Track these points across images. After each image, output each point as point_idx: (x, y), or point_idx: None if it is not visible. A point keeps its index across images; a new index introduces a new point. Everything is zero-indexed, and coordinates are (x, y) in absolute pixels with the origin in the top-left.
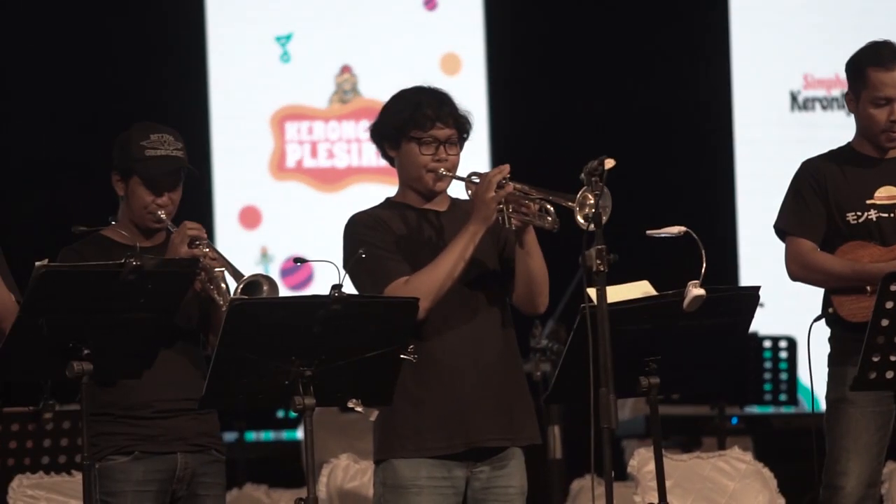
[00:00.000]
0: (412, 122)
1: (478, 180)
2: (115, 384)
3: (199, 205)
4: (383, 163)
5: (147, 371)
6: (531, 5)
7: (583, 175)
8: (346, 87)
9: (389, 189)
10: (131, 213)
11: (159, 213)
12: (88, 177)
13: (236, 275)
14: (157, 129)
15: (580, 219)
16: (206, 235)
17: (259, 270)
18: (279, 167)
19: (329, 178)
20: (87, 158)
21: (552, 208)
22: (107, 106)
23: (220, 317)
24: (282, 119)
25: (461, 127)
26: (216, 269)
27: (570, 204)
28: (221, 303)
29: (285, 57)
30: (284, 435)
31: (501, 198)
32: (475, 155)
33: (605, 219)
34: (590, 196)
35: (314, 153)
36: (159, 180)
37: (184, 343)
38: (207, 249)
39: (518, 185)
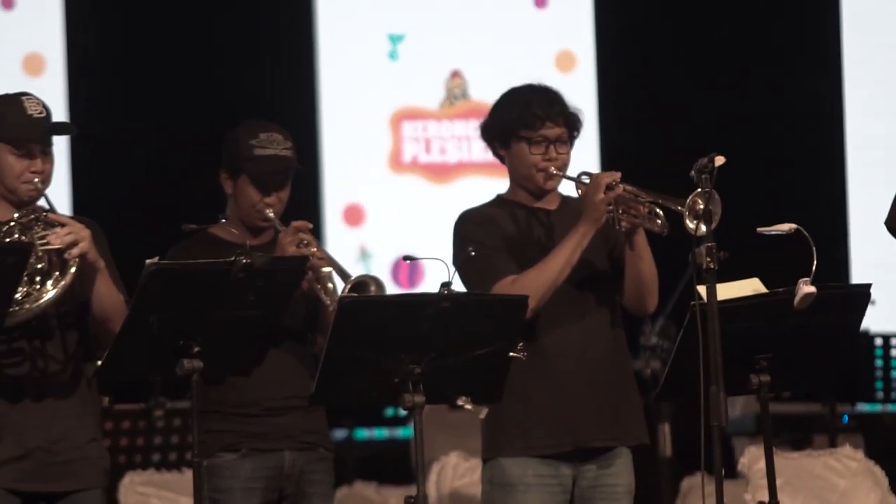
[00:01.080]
0: (521, 121)
1: (588, 180)
2: (224, 382)
3: (306, 202)
4: (492, 157)
5: (256, 369)
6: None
7: (693, 173)
8: (455, 93)
9: (499, 183)
10: (239, 212)
11: (267, 211)
12: (199, 174)
13: (344, 275)
14: (266, 128)
15: (689, 223)
16: (313, 236)
17: (360, 268)
18: (395, 163)
19: (440, 173)
20: (198, 156)
21: (661, 211)
22: (217, 103)
23: (327, 317)
24: (399, 118)
25: (571, 125)
26: (324, 270)
27: (679, 208)
28: (329, 303)
29: (393, 55)
30: (394, 433)
31: (611, 200)
32: (585, 153)
33: (714, 223)
34: (699, 201)
35: (428, 149)
36: (268, 179)
37: (291, 342)
38: (315, 249)
39: (628, 188)
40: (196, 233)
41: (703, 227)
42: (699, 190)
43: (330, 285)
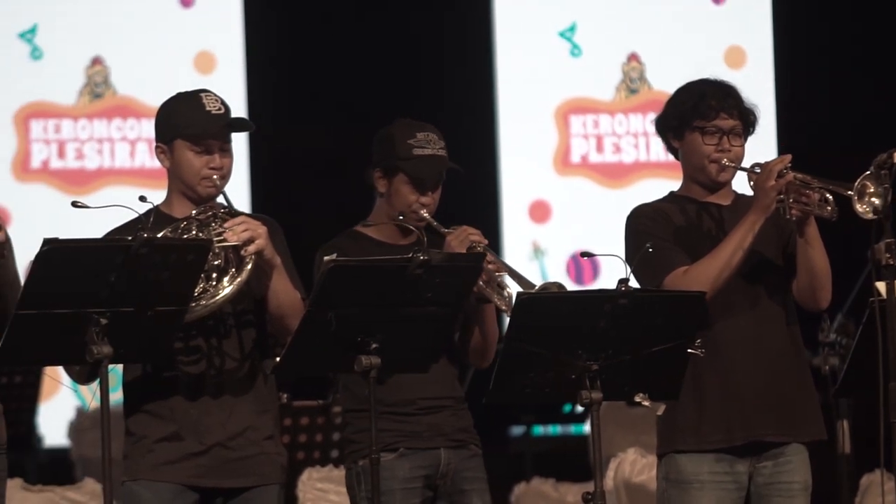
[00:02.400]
0: (696, 111)
1: (759, 171)
2: (383, 381)
3: (483, 200)
4: (671, 157)
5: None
6: None
7: (871, 168)
8: (633, 76)
9: (677, 185)
10: (392, 211)
11: (422, 212)
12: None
13: (519, 279)
14: (422, 128)
15: (858, 207)
16: (486, 241)
17: (534, 265)
18: (563, 162)
19: (614, 174)
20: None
21: (831, 197)
22: (393, 100)
23: (492, 321)
24: (566, 112)
25: (746, 119)
26: (496, 274)
27: (848, 192)
28: (504, 308)
29: (576, 51)
30: (571, 429)
31: (781, 186)
32: (762, 150)
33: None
34: (868, 184)
35: (600, 148)
36: (426, 180)
37: None
38: (486, 254)
39: (798, 175)
40: (344, 231)
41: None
42: (867, 173)
43: (506, 292)
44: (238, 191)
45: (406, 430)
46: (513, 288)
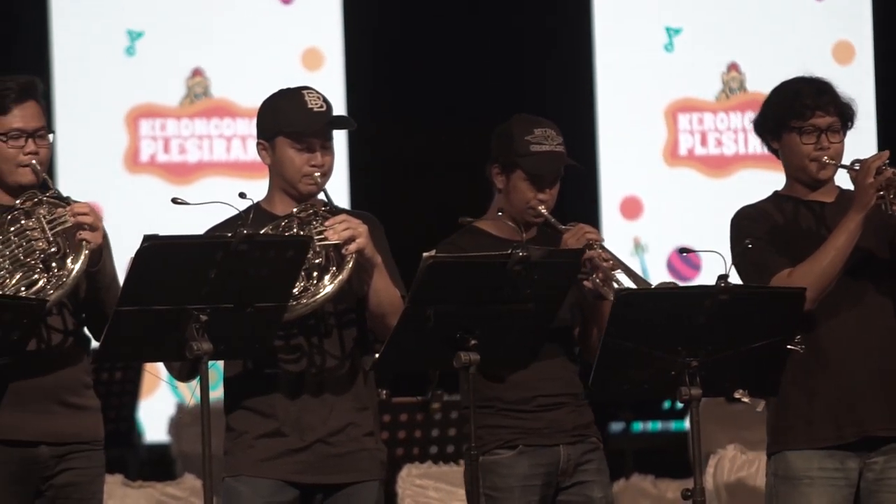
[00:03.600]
0: (791, 111)
1: (858, 167)
2: (502, 378)
3: (582, 195)
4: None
5: (533, 364)
6: None
7: None
8: (732, 85)
9: (776, 176)
10: (510, 207)
11: (540, 208)
12: (475, 169)
13: (634, 277)
14: (539, 124)
15: None
16: (602, 238)
17: (635, 261)
18: (672, 155)
19: (715, 165)
20: (474, 151)
21: None
22: (492, 99)
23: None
24: (675, 110)
25: (844, 114)
26: (612, 271)
27: None
28: None
29: (669, 47)
30: (671, 425)
31: (881, 183)
32: (864, 145)
33: None
34: None
35: (703, 142)
36: (544, 176)
37: (562, 336)
38: (601, 251)
39: None
40: (463, 227)
41: None
42: None
43: (616, 287)
44: (338, 188)
45: (525, 427)
46: (628, 285)
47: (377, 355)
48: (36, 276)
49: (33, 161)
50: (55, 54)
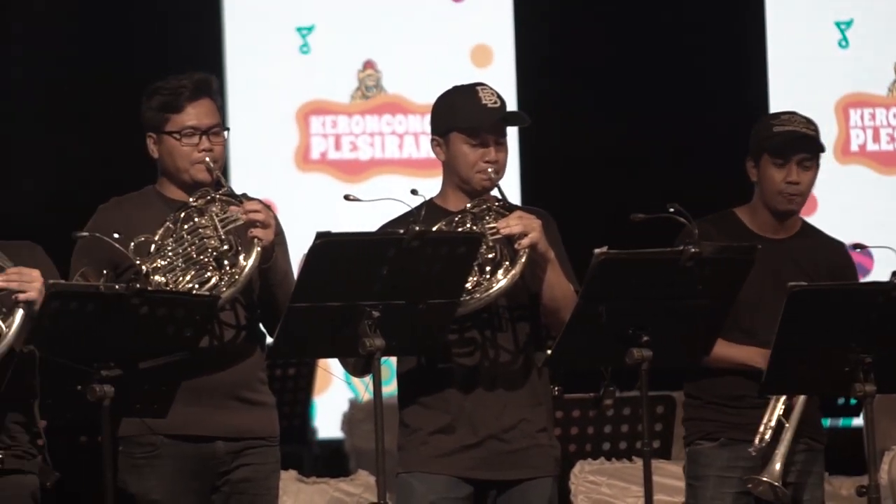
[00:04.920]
0: None
1: None
2: (720, 374)
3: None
4: None
5: None
6: None
7: None
8: None
9: None
10: (763, 196)
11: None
12: (651, 164)
13: None
14: (788, 113)
15: None
16: None
17: None
18: (843, 152)
19: (887, 162)
20: (649, 147)
21: None
22: (665, 93)
23: None
24: (846, 106)
25: None
26: None
27: None
28: None
29: (843, 43)
30: (843, 422)
31: None
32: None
33: None
34: None
35: (876, 138)
36: (789, 157)
37: None
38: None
39: None
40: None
41: None
42: None
43: None
44: (510, 185)
45: (730, 421)
46: None
47: (549, 351)
48: (209, 273)
49: (207, 158)
50: (228, 50)
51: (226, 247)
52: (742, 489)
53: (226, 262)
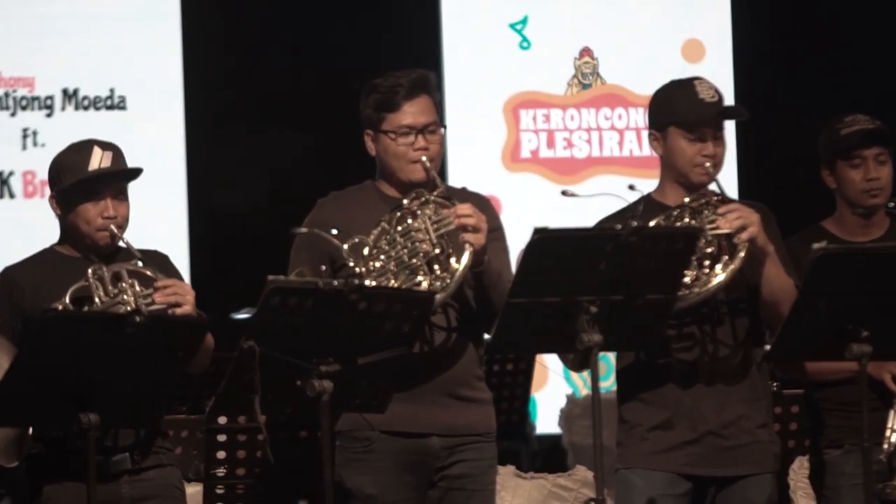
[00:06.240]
0: None
1: None
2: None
3: None
4: None
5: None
6: None
7: None
8: None
9: None
10: (848, 199)
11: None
12: None
13: None
14: (852, 114)
15: None
16: None
17: None
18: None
19: None
20: None
21: None
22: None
23: None
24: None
25: None
26: None
27: None
28: None
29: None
30: None
31: None
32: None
33: None
34: None
35: None
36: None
37: None
38: None
39: None
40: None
41: None
42: None
43: None
44: (728, 178)
45: (853, 426)
46: None
47: (768, 346)
48: (419, 277)
49: (423, 158)
50: (445, 45)
51: (437, 251)
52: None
53: (436, 267)
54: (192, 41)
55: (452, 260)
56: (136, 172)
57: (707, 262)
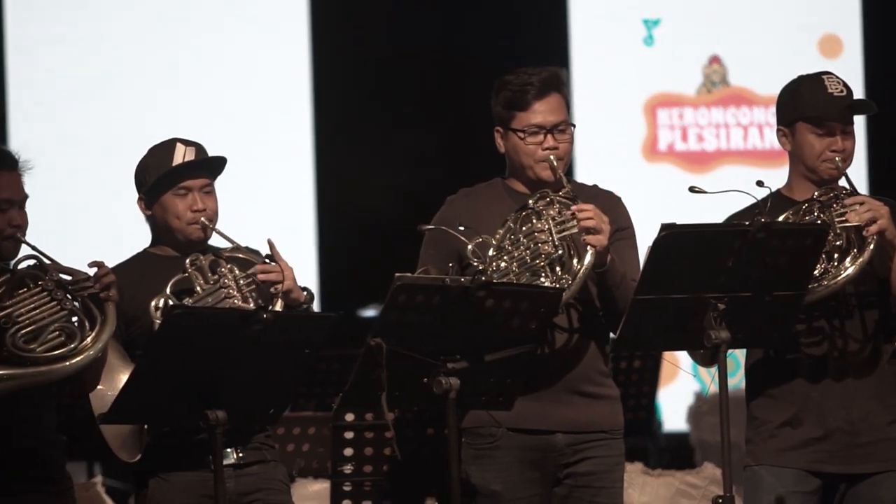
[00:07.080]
0: None
1: None
2: None
3: None
4: None
5: None
6: None
7: None
8: None
9: None
10: None
11: None
12: None
13: None
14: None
15: None
16: None
17: None
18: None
19: None
20: None
21: None
22: None
23: None
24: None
25: None
26: None
27: None
28: None
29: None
30: None
31: None
32: None
33: None
34: None
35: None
36: None
37: None
38: None
39: None
40: None
41: None
42: None
43: None
44: (857, 173)
45: None
46: None
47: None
48: (542, 279)
49: (551, 157)
50: (573, 42)
51: (559, 252)
52: None
53: (558, 269)
54: (320, 41)
55: (574, 260)
56: (221, 161)
57: (836, 256)
